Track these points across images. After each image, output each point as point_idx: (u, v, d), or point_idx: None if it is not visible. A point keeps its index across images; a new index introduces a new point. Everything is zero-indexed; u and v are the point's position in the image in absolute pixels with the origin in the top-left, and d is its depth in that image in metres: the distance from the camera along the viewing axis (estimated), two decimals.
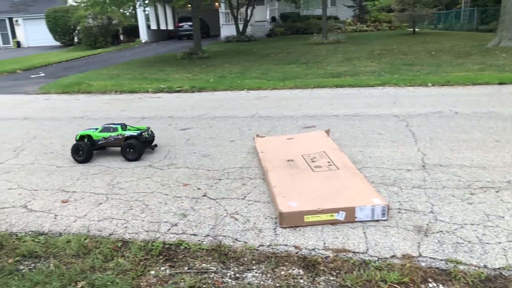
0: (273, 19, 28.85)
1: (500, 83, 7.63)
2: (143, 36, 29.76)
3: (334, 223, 2.83)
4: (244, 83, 9.50)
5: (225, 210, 3.15)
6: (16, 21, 32.71)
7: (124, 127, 4.59)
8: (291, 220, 2.82)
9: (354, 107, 6.41)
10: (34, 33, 32.21)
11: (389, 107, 6.25)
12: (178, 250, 2.66)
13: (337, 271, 2.37)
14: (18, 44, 32.82)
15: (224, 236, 2.78)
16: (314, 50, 16.25)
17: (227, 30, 26.27)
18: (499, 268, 2.37)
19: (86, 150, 4.39)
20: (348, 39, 19.54)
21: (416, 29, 22.52)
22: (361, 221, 2.85)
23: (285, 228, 2.82)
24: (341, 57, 13.71)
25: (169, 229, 2.92)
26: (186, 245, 2.69)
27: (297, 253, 2.55)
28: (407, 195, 3.29)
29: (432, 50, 13.67)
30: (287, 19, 28.02)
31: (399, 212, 3.01)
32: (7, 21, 32.85)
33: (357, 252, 2.53)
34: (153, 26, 32.80)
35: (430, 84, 7.96)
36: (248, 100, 7.56)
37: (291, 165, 3.73)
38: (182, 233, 2.85)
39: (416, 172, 3.72)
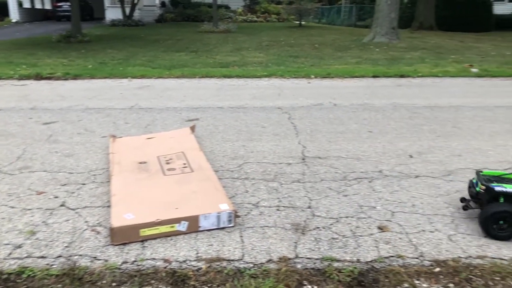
0: (162, 4, 27.74)
1: (374, 76, 8.17)
2: (14, 15, 26.40)
3: (176, 234, 2.55)
4: (127, 70, 8.83)
5: (86, 222, 2.71)
6: None
7: None
8: (124, 236, 2.45)
9: (240, 99, 6.29)
10: None
11: (273, 99, 6.25)
12: (18, 281, 2.14)
13: (209, 285, 2.15)
14: None
15: (80, 255, 2.35)
16: (204, 39, 15.94)
17: (112, 13, 24.52)
18: (371, 261, 2.37)
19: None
20: (239, 29, 19.59)
21: (303, 22, 23.47)
22: (207, 230, 2.61)
23: (116, 245, 2.43)
24: (230, 46, 13.62)
25: (10, 253, 2.36)
26: (30, 273, 2.18)
27: (166, 267, 2.26)
28: (287, 190, 3.21)
29: (316, 43, 14.30)
30: (178, 5, 27.20)
31: (278, 210, 2.91)
32: None
33: (232, 260, 2.34)
34: (26, 5, 29.28)
35: (313, 76, 8.22)
36: (129, 90, 7.00)
37: (142, 169, 3.33)
38: (26, 257, 2.32)
39: (296, 166, 3.69)
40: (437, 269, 2.30)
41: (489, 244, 2.52)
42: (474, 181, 2.87)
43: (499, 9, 22.94)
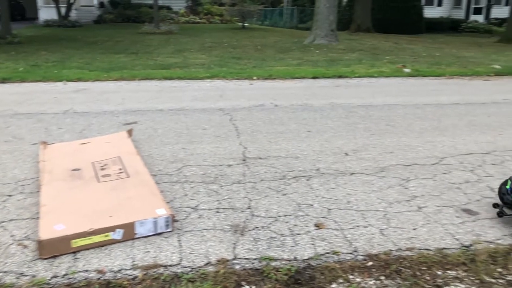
0: (101, 4, 26.73)
1: (313, 77, 8.39)
2: None
3: (111, 243, 2.47)
4: (62, 73, 8.41)
5: (12, 236, 2.53)
6: None
7: None
8: (54, 248, 2.32)
9: (181, 101, 6.21)
10: None
11: (215, 101, 6.23)
12: None
13: None
14: None
15: (5, 272, 2.20)
16: (145, 40, 15.57)
17: (46, 13, 23.24)
18: (308, 259, 2.43)
19: None
20: (181, 30, 19.35)
21: (246, 24, 23.64)
22: (143, 237, 2.55)
23: (45, 259, 2.30)
24: (172, 48, 13.41)
25: None
26: None
27: (99, 278, 2.18)
28: (227, 192, 3.21)
29: (258, 45, 14.44)
30: (117, 6, 26.31)
31: (217, 212, 2.90)
32: None
33: (170, 266, 2.30)
34: None
35: (255, 78, 8.29)
36: (64, 93, 6.67)
37: (75, 176, 3.18)
38: None
39: (237, 167, 3.70)
40: (370, 263, 2.40)
41: (417, 236, 2.66)
42: (508, 187, 2.85)
43: (429, 13, 24.46)
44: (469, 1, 27.86)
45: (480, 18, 27.05)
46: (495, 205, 2.95)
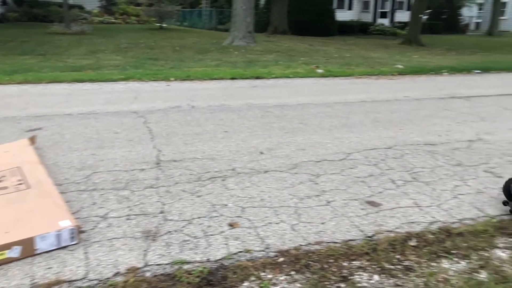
0: (4, 2, 24.54)
1: (232, 78, 8.46)
2: None
3: (7, 262, 2.27)
4: None
5: None
6: None
7: None
8: None
9: (92, 104, 5.90)
10: None
11: (129, 103, 6.02)
12: None
13: None
14: None
15: None
16: (54, 41, 14.59)
17: None
18: (220, 259, 2.43)
19: None
20: (95, 31, 18.43)
21: (164, 25, 23.16)
22: (46, 252, 2.39)
23: None
24: (85, 49, 12.72)
25: None
26: None
27: None
28: (138, 197, 3.11)
29: (176, 46, 14.22)
30: (22, 4, 24.35)
31: (128, 219, 2.80)
32: None
33: (74, 280, 2.16)
34: None
35: (172, 79, 8.14)
36: None
37: None
38: None
39: (150, 171, 3.60)
40: (281, 259, 2.46)
41: (325, 230, 2.78)
42: None
43: (340, 16, 25.87)
44: (376, 6, 29.95)
45: (386, 22, 29.20)
46: (505, 203, 3.08)
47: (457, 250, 2.58)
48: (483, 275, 2.35)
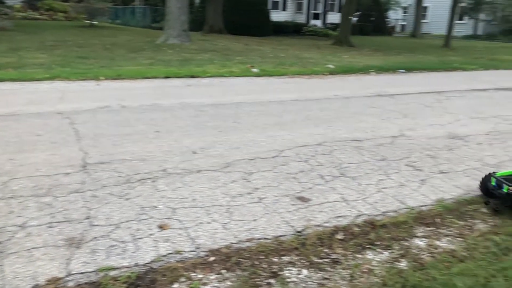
0: None
1: (166, 77, 8.28)
2: None
3: None
4: None
5: None
6: None
7: None
8: None
9: (13, 105, 5.50)
10: None
11: (54, 104, 5.68)
12: None
13: None
14: None
15: None
16: None
17: None
18: (149, 262, 2.37)
19: None
20: (17, 27, 17.17)
21: (95, 22, 22.09)
22: None
23: None
24: (5, 46, 11.81)
25: None
26: None
27: None
28: (62, 203, 2.94)
29: (108, 44, 13.65)
30: None
31: (50, 227, 2.64)
32: None
33: None
34: None
35: (102, 78, 7.80)
36: None
37: None
38: None
39: (75, 175, 3.42)
40: (212, 258, 2.45)
41: (257, 226, 2.81)
42: (494, 184, 3.10)
43: (275, 16, 26.27)
44: (308, 7, 30.81)
45: (318, 23, 30.12)
46: (487, 203, 3.18)
47: (381, 241, 2.72)
48: (403, 264, 2.50)
